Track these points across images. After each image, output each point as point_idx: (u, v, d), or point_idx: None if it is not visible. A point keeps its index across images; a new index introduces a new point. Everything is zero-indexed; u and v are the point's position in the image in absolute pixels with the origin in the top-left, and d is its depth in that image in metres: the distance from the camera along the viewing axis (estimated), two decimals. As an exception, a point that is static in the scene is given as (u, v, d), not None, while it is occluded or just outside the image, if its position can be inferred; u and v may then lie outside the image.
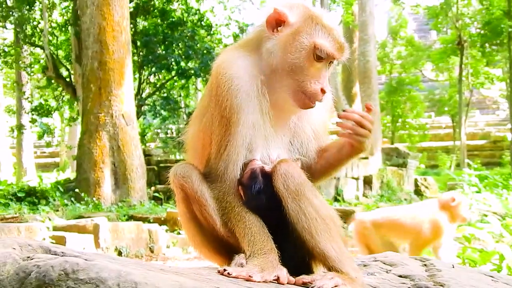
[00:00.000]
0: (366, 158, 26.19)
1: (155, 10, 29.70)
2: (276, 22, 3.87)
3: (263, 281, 3.48)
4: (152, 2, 29.72)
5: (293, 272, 3.67)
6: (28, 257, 3.02)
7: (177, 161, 23.43)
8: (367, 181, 25.80)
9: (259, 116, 3.83)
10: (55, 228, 13.29)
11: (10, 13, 29.22)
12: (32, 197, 20.35)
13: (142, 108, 30.08)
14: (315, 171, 4.05)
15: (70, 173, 38.65)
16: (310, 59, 3.77)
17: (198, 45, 28.50)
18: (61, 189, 21.55)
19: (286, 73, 3.82)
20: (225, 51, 4.13)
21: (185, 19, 29.86)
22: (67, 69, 29.95)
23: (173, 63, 28.61)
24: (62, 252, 3.18)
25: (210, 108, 3.92)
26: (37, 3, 29.20)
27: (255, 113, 3.81)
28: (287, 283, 3.60)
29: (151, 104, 31.18)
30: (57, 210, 18.02)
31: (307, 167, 4.01)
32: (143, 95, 30.42)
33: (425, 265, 4.59)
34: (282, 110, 3.96)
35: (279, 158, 3.90)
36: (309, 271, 3.82)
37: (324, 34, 3.79)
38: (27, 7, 28.90)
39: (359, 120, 3.77)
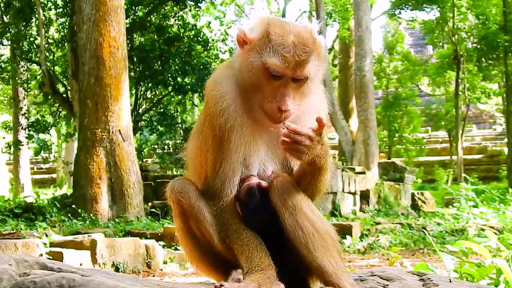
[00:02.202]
0: (363, 173, 26.19)
1: (152, 26, 29.71)
2: (244, 41, 3.88)
3: (260, 297, 3.48)
4: (149, 18, 29.73)
5: (291, 287, 3.67)
6: (25, 273, 3.01)
7: (174, 176, 23.36)
8: (364, 196, 25.75)
9: (249, 133, 3.84)
10: (52, 244, 13.22)
11: (7, 29, 29.25)
12: (29, 213, 20.27)
13: (139, 123, 30.05)
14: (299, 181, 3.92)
15: (67, 189, 38.56)
16: (266, 78, 3.72)
17: (194, 60, 28.50)
18: (58, 205, 21.44)
19: (250, 91, 3.81)
20: (215, 70, 4.15)
21: (181, 35, 29.88)
22: (64, 85, 29.92)
23: (170, 78, 28.60)
24: (59, 268, 3.17)
25: (204, 127, 3.94)
26: (34, 19, 29.21)
27: (247, 130, 3.82)
28: (284, 299, 3.60)
29: (148, 119, 31.16)
30: (54, 226, 17.95)
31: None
32: (140, 111, 30.38)
33: (422, 279, 4.58)
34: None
35: (275, 173, 3.90)
36: (307, 286, 3.82)
37: (274, 51, 3.69)
38: (24, 23, 28.90)
39: (289, 135, 3.61)
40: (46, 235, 14.20)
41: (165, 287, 3.29)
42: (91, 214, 19.65)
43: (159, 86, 29.83)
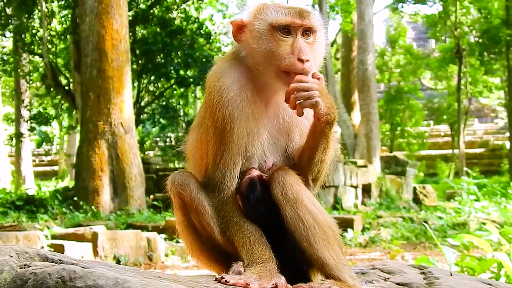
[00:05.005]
0: (365, 166, 26.18)
1: (154, 19, 29.72)
2: (239, 31, 3.93)
3: (261, 289, 3.48)
4: (152, 11, 29.75)
5: (291, 280, 3.67)
6: (25, 265, 3.01)
7: (176, 169, 23.41)
8: (366, 189, 25.75)
9: (252, 124, 3.83)
10: (54, 237, 13.24)
11: (9, 21, 29.27)
12: (31, 206, 20.30)
13: (141, 116, 30.07)
14: (304, 167, 3.96)
15: (68, 182, 38.59)
16: (276, 38, 3.77)
17: (197, 53, 28.49)
18: (60, 198, 21.48)
19: (265, 65, 3.81)
20: (216, 62, 4.15)
21: (184, 28, 29.88)
22: (66, 77, 29.97)
23: (172, 71, 28.61)
24: (60, 260, 3.17)
25: (205, 119, 3.94)
26: (36, 11, 29.22)
27: (248, 121, 3.82)
28: (285, 291, 3.61)
29: (150, 112, 31.19)
30: (56, 219, 17.98)
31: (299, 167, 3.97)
32: (142, 104, 30.41)
33: (423, 273, 4.59)
34: (276, 109, 3.96)
35: (276, 165, 3.90)
36: (307, 279, 3.82)
37: (275, 11, 3.81)
38: (26, 15, 28.91)
39: (297, 86, 3.65)
40: (48, 228, 14.22)
41: (166, 279, 3.29)
42: (93, 207, 19.69)
43: (162, 79, 29.87)
